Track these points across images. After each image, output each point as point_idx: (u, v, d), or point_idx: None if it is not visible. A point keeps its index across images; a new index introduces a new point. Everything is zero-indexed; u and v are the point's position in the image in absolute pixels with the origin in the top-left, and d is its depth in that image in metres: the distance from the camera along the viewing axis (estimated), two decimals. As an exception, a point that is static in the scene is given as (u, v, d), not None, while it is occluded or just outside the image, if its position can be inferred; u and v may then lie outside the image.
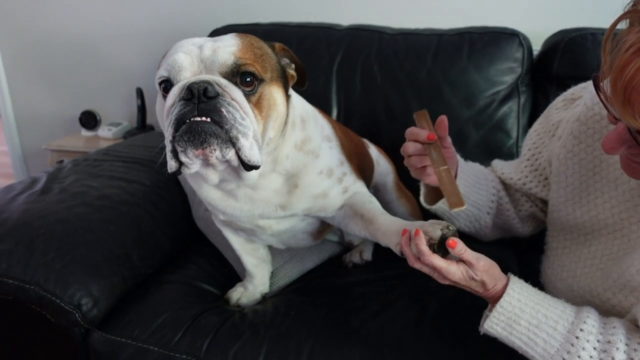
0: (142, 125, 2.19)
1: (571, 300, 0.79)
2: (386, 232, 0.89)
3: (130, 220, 1.21)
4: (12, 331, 1.16)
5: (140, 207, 1.26)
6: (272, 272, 1.24)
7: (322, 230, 1.13)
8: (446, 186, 0.76)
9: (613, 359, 0.68)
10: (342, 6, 1.91)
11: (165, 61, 0.79)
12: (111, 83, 2.29)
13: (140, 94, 2.14)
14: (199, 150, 0.74)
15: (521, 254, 1.33)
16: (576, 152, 0.85)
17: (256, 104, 0.78)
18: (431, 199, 1.00)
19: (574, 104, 0.89)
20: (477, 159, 1.47)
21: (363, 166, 1.16)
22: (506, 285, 0.77)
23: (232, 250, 1.20)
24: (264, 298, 1.19)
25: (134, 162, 1.45)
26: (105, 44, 2.24)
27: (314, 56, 1.61)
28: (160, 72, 0.79)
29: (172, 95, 0.76)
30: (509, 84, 1.47)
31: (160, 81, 0.80)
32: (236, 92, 0.75)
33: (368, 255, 1.28)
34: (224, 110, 0.73)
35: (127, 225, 1.19)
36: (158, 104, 0.85)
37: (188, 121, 0.73)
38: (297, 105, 0.94)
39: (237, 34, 0.83)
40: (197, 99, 0.73)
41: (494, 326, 0.76)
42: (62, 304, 1.01)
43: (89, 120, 2.29)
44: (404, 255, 0.83)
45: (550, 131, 0.92)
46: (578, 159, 0.85)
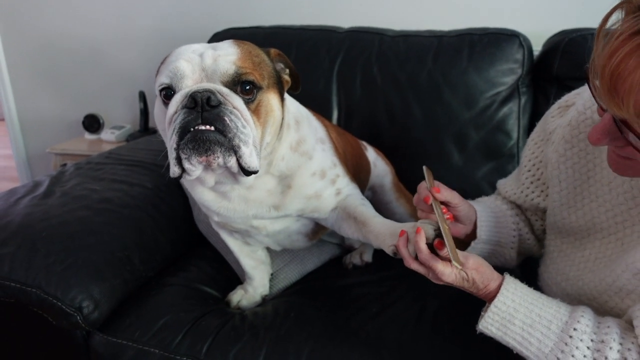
0: (144, 128, 2.20)
1: (568, 303, 0.79)
2: (379, 235, 0.91)
3: (131, 223, 1.22)
4: (14, 333, 1.17)
5: (141, 210, 1.27)
6: (272, 274, 1.24)
7: (316, 230, 1.14)
8: (450, 245, 0.77)
9: (606, 358, 0.68)
10: (342, 9, 1.91)
11: (166, 68, 0.80)
12: (114, 86, 2.30)
13: (142, 97, 2.15)
14: (203, 158, 0.75)
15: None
16: (569, 156, 0.85)
17: (255, 111, 0.80)
18: None
19: (568, 110, 0.89)
20: (478, 160, 1.49)
21: (359, 168, 1.16)
22: (500, 284, 0.77)
23: (233, 254, 1.20)
24: (264, 300, 1.20)
25: (135, 165, 1.46)
26: (108, 47, 2.26)
27: (314, 59, 1.61)
28: (162, 79, 0.80)
29: (175, 102, 0.76)
30: (509, 85, 1.47)
31: (161, 88, 0.80)
32: (237, 101, 0.77)
33: (368, 257, 1.29)
34: (227, 119, 0.74)
35: (128, 228, 1.20)
36: (157, 110, 0.86)
37: (192, 129, 0.74)
38: (291, 107, 0.95)
39: (235, 41, 0.84)
40: (200, 107, 0.74)
41: (489, 326, 0.76)
42: (64, 307, 1.01)
43: (92, 123, 2.31)
44: (397, 256, 0.85)
45: (549, 139, 0.92)
46: (571, 163, 0.85)
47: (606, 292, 0.76)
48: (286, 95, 0.95)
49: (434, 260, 0.77)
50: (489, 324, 0.76)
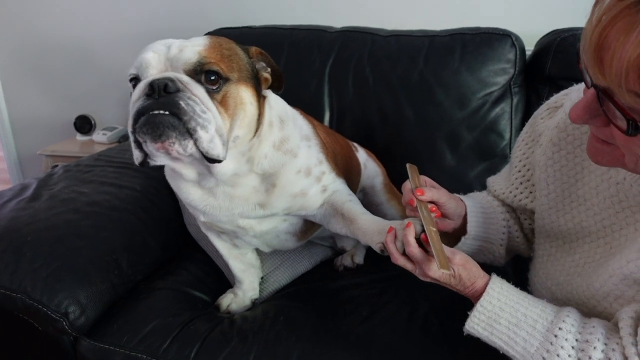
0: (136, 129, 2.18)
1: None
2: (367, 232, 0.91)
3: (120, 226, 1.20)
4: (0, 340, 1.15)
5: (130, 213, 1.25)
6: (263, 278, 1.23)
7: (305, 230, 1.13)
8: (436, 248, 0.76)
9: (590, 357, 0.67)
10: (334, 9, 1.90)
11: (136, 59, 0.82)
12: (106, 87, 2.28)
13: (134, 98, 2.13)
14: (158, 144, 0.76)
15: (516, 257, 1.32)
16: (556, 159, 0.84)
17: (222, 102, 0.80)
18: None
19: (557, 111, 0.88)
20: (470, 160, 1.48)
21: (349, 168, 1.16)
22: (487, 284, 0.77)
23: (223, 257, 1.19)
24: (254, 304, 1.18)
25: (125, 167, 1.44)
26: (100, 48, 2.24)
27: (306, 59, 1.60)
28: (130, 70, 0.82)
29: (138, 90, 0.78)
30: (501, 85, 1.46)
31: (130, 78, 0.82)
32: (197, 89, 0.77)
33: (359, 259, 1.28)
34: (182, 103, 0.75)
35: (116, 231, 1.18)
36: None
37: (147, 114, 0.75)
38: (275, 106, 0.95)
39: (210, 35, 0.85)
40: (157, 94, 0.75)
41: (475, 326, 0.76)
42: (49, 312, 1.00)
43: (83, 125, 2.29)
44: (385, 253, 0.85)
45: (537, 141, 0.92)
46: (559, 166, 0.84)
47: (594, 297, 0.75)
48: (271, 94, 0.95)
49: (421, 255, 0.77)
50: (475, 323, 0.76)
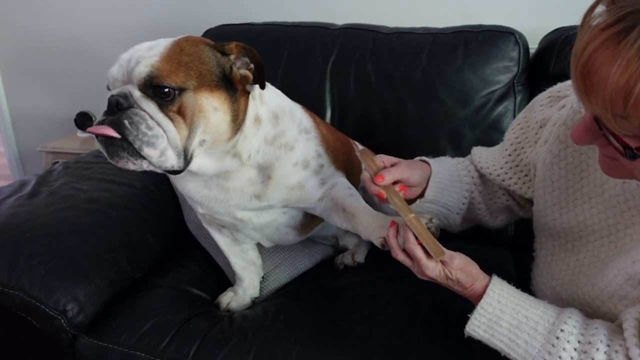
0: (137, 126, 2.17)
1: (561, 308, 0.77)
2: (368, 226, 0.90)
3: (119, 223, 1.19)
4: (-2, 337, 1.15)
5: (130, 210, 1.25)
6: (263, 276, 1.22)
7: (306, 224, 1.12)
8: (422, 236, 0.75)
9: (593, 359, 0.67)
10: (336, 5, 1.89)
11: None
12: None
13: (135, 95, 2.12)
14: (115, 163, 0.79)
15: (519, 255, 1.31)
16: (562, 156, 0.83)
17: (179, 112, 0.80)
18: None
19: (559, 102, 0.87)
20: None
21: (350, 165, 1.15)
22: (486, 285, 0.76)
23: (223, 255, 1.18)
24: (254, 302, 1.18)
25: (125, 164, 1.43)
26: (100, 44, 2.23)
27: (308, 56, 1.59)
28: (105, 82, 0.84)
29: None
30: (504, 83, 1.45)
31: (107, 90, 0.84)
32: (147, 105, 0.78)
33: (360, 258, 1.27)
34: (127, 122, 0.76)
35: (115, 228, 1.18)
36: None
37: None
38: (270, 101, 0.95)
39: (177, 39, 0.83)
40: (110, 111, 0.77)
41: (476, 329, 0.75)
42: (47, 310, 0.99)
43: (84, 121, 2.27)
44: (385, 248, 0.84)
45: (534, 129, 0.90)
46: (564, 163, 0.83)
47: (599, 297, 0.74)
48: (268, 90, 0.93)
49: (418, 251, 0.76)
50: (476, 326, 0.75)
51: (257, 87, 0.90)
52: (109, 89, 0.83)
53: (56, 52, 2.31)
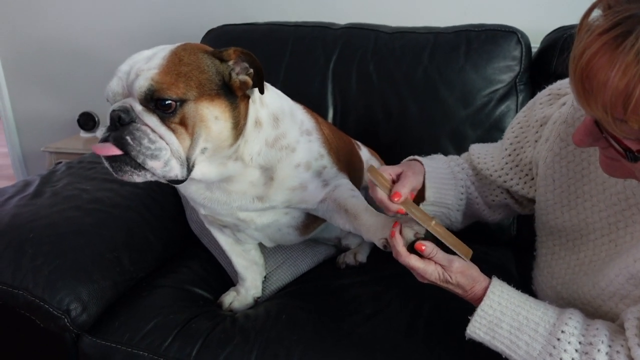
0: (140, 126, 2.17)
1: (563, 307, 0.77)
2: (370, 228, 0.90)
3: (122, 223, 1.20)
4: (2, 336, 1.15)
5: (132, 210, 1.25)
6: (265, 276, 1.22)
7: (307, 224, 1.12)
8: (448, 240, 0.76)
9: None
10: (338, 5, 1.89)
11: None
12: (109, 84, 2.28)
13: (137, 95, 2.13)
14: (120, 177, 0.80)
15: (521, 255, 1.31)
16: (564, 155, 0.83)
17: (181, 123, 0.80)
18: None
19: (560, 100, 0.87)
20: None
21: (352, 166, 1.15)
22: (487, 288, 0.76)
23: (226, 254, 1.19)
24: (257, 302, 1.18)
25: (128, 164, 1.43)
26: (103, 45, 2.24)
27: (310, 56, 1.59)
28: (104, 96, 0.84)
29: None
30: (506, 82, 1.44)
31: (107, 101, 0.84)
32: (149, 118, 0.78)
33: (362, 257, 1.27)
34: (128, 138, 0.77)
35: (118, 228, 1.18)
36: None
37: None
38: (270, 104, 0.95)
39: (174, 48, 0.82)
40: (113, 126, 0.78)
41: (477, 331, 0.75)
42: (51, 309, 1.00)
43: (87, 122, 2.28)
44: (387, 249, 0.85)
45: (534, 127, 0.90)
46: (566, 161, 0.83)
47: (600, 296, 0.74)
48: (268, 92, 0.93)
49: (412, 262, 0.77)
50: (477, 328, 0.75)
51: (256, 90, 0.90)
52: (108, 101, 0.83)
53: (59, 54, 2.31)
